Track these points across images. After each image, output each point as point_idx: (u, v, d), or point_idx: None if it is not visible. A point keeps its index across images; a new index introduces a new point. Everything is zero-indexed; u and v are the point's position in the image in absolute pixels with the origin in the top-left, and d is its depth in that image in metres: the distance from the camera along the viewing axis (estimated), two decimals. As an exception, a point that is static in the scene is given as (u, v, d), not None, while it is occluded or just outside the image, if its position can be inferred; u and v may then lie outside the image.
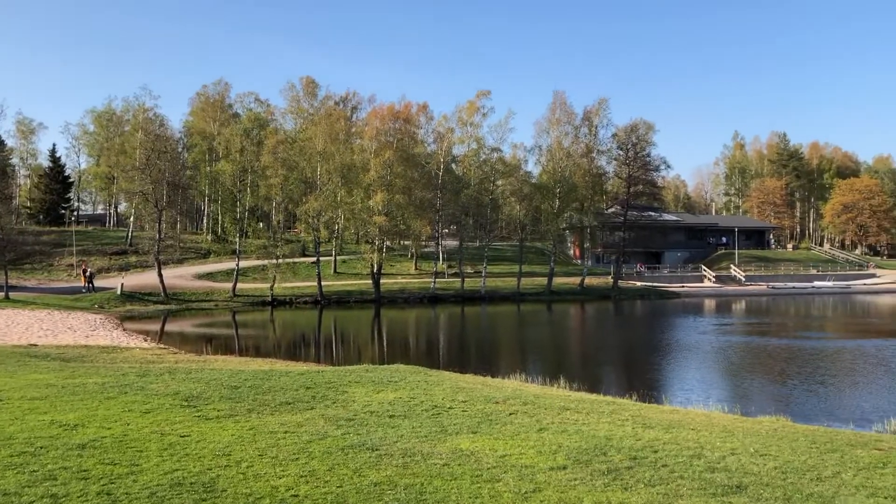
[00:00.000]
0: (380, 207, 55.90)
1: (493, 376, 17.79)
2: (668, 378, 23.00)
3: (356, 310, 52.98)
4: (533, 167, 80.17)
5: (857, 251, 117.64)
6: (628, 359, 29.21)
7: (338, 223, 63.10)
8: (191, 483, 6.58)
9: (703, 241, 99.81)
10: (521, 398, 12.43)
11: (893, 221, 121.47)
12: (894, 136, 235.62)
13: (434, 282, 62.30)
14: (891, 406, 16.38)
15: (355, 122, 74.40)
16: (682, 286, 75.72)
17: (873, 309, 57.55)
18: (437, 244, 70.92)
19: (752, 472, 7.51)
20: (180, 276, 58.34)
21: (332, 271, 65.22)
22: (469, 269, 70.42)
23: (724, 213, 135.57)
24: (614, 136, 75.92)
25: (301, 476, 6.88)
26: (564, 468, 7.43)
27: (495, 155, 67.76)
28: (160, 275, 51.94)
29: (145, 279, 56.09)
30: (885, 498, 6.70)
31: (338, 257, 67.11)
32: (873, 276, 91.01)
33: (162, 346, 29.00)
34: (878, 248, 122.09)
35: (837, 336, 35.99)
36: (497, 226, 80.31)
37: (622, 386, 19.74)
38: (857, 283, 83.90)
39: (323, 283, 56.78)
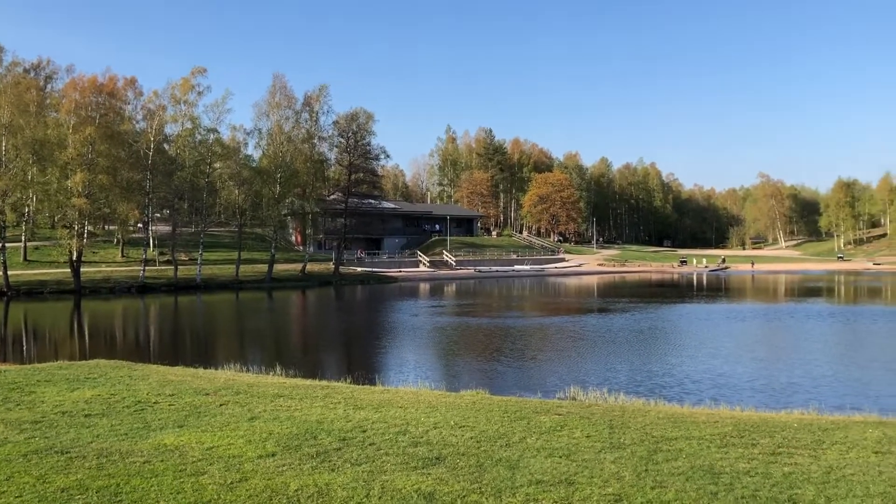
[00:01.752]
0: (80, 188, 50.99)
1: (206, 368, 17.11)
2: (382, 360, 23.86)
3: (52, 302, 47.89)
4: (253, 151, 78.27)
5: (551, 238, 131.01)
6: (346, 343, 29.80)
7: (28, 205, 56.41)
8: None
9: (420, 229, 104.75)
10: (233, 388, 12.13)
11: (580, 212, 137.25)
12: (580, 136, 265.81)
13: (143, 270, 58.27)
14: (572, 375, 18.53)
15: (49, 94, 66.92)
16: (400, 271, 78.89)
17: (562, 289, 64.59)
18: (147, 229, 66.40)
19: (451, 444, 8.06)
20: None
21: (22, 259, 58.31)
22: (183, 257, 66.97)
23: (439, 202, 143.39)
24: (335, 123, 76.68)
25: (-31, 491, 6.08)
26: (273, 455, 7.39)
27: (212, 136, 64.99)
28: None
29: None
30: (560, 457, 7.57)
31: (28, 243, 60.11)
32: (563, 260, 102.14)
33: None
34: (567, 236, 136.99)
35: (533, 314, 39.85)
36: (214, 211, 77.27)
37: (339, 370, 20.13)
38: (550, 267, 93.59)
39: (10, 273, 50.52)
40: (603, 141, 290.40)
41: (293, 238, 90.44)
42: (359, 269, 77.52)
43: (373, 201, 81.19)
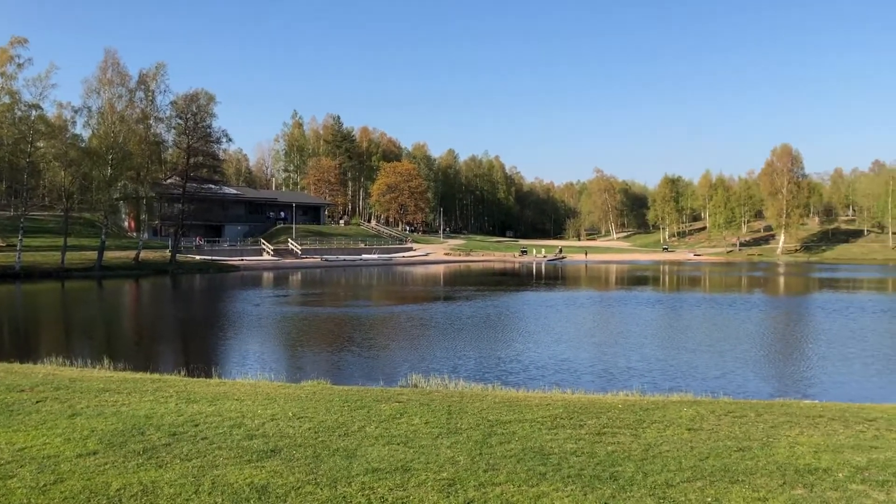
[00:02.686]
0: None
1: (23, 363, 15.81)
2: (221, 352, 23.03)
3: None
4: (82, 130, 72.97)
5: (399, 228, 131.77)
6: (182, 335, 28.53)
7: None
8: None
9: (264, 216, 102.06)
10: (53, 384, 11.28)
11: (428, 202, 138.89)
12: (428, 127, 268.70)
13: (-47, 257, 53.02)
14: (418, 363, 18.75)
15: None
16: (242, 260, 76.57)
17: (410, 278, 65.18)
18: (-42, 213, 60.45)
19: (288, 435, 7.91)
20: None
21: None
22: (1, 243, 61.52)
23: (284, 189, 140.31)
24: (173, 103, 72.97)
25: None
26: (95, 453, 6.94)
27: (34, 112, 59.90)
28: None
29: None
30: (398, 444, 7.63)
31: None
32: (411, 249, 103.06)
33: None
34: (415, 226, 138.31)
35: (381, 303, 39.94)
36: (37, 193, 71.43)
37: (173, 363, 19.22)
38: (398, 256, 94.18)
39: None
40: (451, 133, 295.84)
41: (126, 224, 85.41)
42: (198, 257, 74.49)
43: (213, 186, 78.02)
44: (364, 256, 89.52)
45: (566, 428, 8.75)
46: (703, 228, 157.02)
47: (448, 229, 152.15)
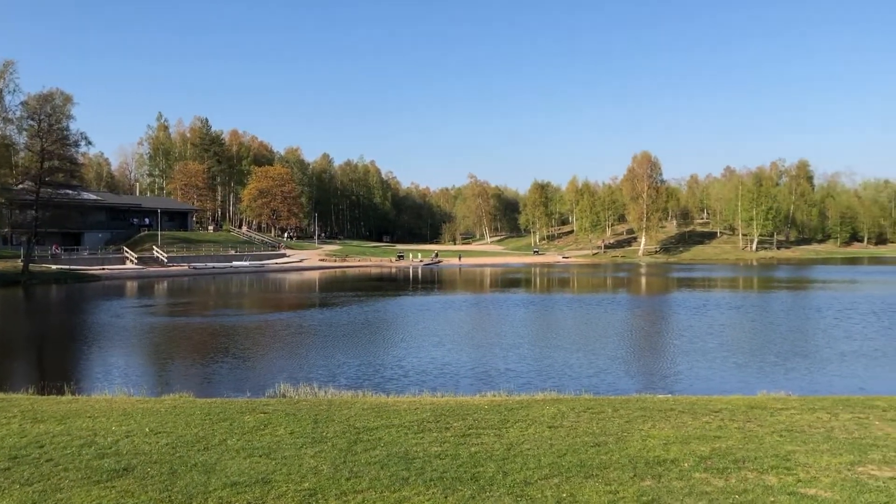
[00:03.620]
0: None
1: None
2: (78, 367, 21.71)
3: None
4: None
5: (272, 233, 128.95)
6: (34, 350, 26.67)
7: None
8: None
9: (126, 222, 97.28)
10: None
11: (301, 207, 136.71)
12: (302, 131, 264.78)
13: None
14: (291, 372, 18.35)
15: None
16: (104, 268, 72.63)
17: (284, 285, 63.88)
18: None
19: (143, 452, 7.57)
20: None
21: None
22: None
23: (149, 194, 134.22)
24: (24, 104, 68.20)
25: None
26: (-79, 484, 6.38)
27: None
28: None
29: None
30: (260, 456, 7.46)
31: None
32: (284, 255, 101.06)
33: None
34: (289, 231, 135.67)
35: (253, 312, 38.87)
36: None
37: (21, 380, 17.90)
38: (271, 263, 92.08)
39: None
40: (326, 137, 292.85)
41: (-29, 232, 79.04)
42: (54, 266, 69.95)
43: (70, 192, 73.37)
44: (235, 263, 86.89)
45: (432, 431, 8.84)
46: (571, 232, 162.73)
47: (323, 235, 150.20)
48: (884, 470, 7.12)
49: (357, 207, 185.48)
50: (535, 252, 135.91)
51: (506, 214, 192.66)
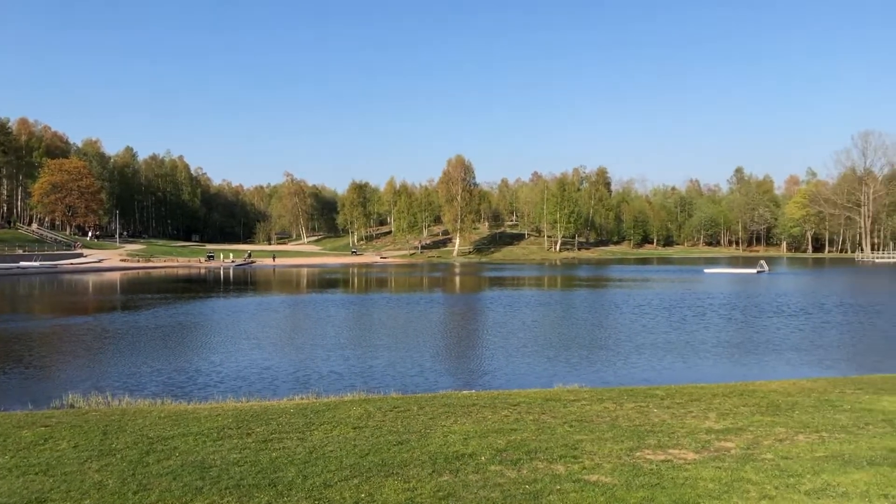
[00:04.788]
0: None
1: None
2: None
3: None
4: None
5: (67, 232, 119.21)
6: None
7: None
8: None
9: None
10: None
11: (101, 203, 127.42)
12: (101, 119, 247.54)
13: None
14: (92, 380, 16.97)
15: None
16: None
17: (81, 287, 59.19)
18: None
19: None
20: None
21: None
22: None
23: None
24: None
25: None
26: None
27: None
28: None
29: None
30: (37, 473, 6.86)
31: None
32: (81, 255, 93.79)
33: None
34: (87, 229, 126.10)
35: (44, 316, 35.64)
36: None
37: None
38: (66, 263, 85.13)
39: None
40: (129, 130, 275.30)
41: None
42: None
43: None
44: (23, 264, 79.40)
45: (233, 438, 8.55)
46: (390, 232, 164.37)
47: (126, 234, 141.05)
48: (657, 454, 7.79)
49: (164, 205, 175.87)
50: (353, 252, 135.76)
51: (323, 214, 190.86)
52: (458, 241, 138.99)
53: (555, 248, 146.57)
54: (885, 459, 7.43)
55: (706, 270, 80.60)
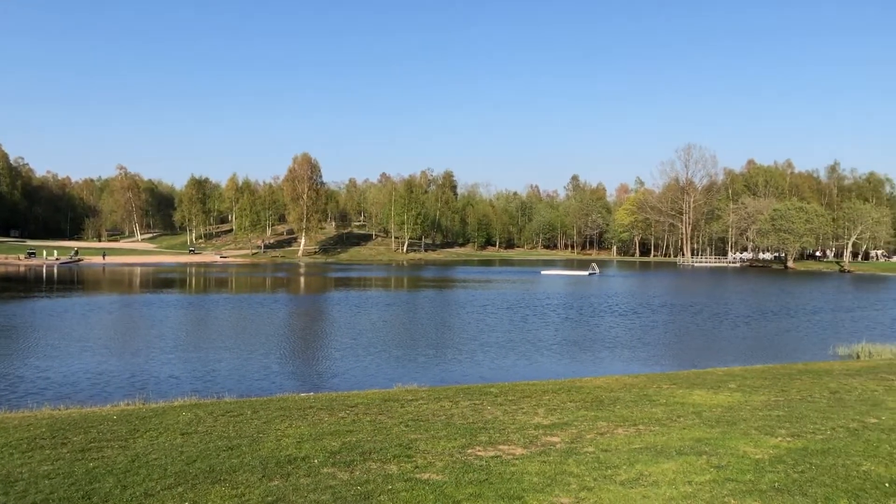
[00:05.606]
0: None
1: None
2: None
3: None
4: None
5: None
6: None
7: None
8: None
9: None
10: None
11: None
12: None
13: None
14: None
15: None
16: None
17: None
18: None
19: None
20: None
21: None
22: None
23: None
24: None
25: None
26: None
27: None
28: None
29: None
30: None
31: None
32: None
33: None
34: None
35: None
36: None
37: None
38: None
39: None
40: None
41: None
42: None
43: None
44: None
45: (45, 448, 7.95)
46: (231, 231, 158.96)
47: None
48: (488, 450, 8.02)
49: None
50: (191, 251, 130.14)
51: (160, 210, 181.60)
52: (303, 240, 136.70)
53: (402, 250, 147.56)
54: (692, 449, 8.05)
55: (543, 272, 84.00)
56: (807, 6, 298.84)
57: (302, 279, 72.49)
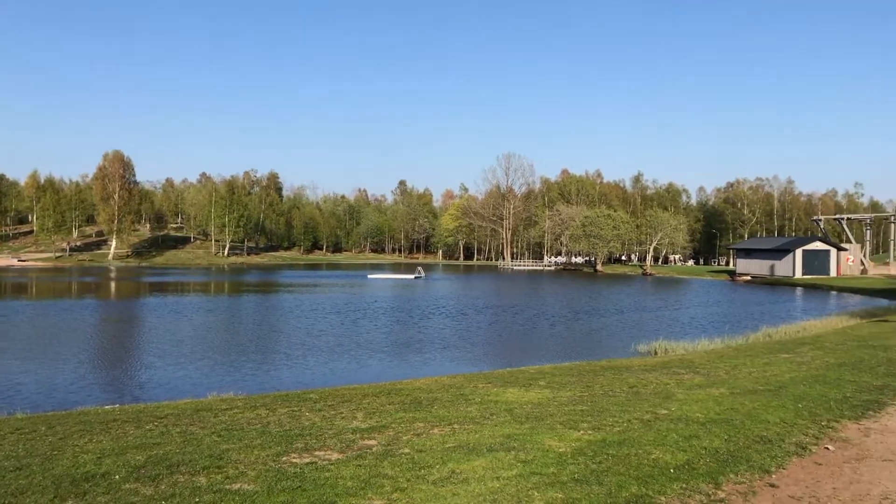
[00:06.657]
0: None
1: None
2: None
3: None
4: None
5: None
6: None
7: None
8: None
9: None
10: None
11: None
12: None
13: None
14: None
15: None
16: None
17: None
18: None
19: None
20: None
21: None
22: None
23: None
24: None
25: None
26: None
27: None
28: None
29: None
30: None
31: None
32: None
33: None
34: None
35: None
36: None
37: None
38: None
39: None
40: None
41: None
42: None
43: None
44: None
45: None
46: (32, 232, 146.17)
47: None
48: (303, 457, 7.92)
49: None
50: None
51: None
52: (114, 243, 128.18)
53: (223, 253, 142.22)
54: (502, 445, 8.40)
55: (370, 276, 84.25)
56: (594, 27, 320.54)
57: (113, 284, 68.10)
